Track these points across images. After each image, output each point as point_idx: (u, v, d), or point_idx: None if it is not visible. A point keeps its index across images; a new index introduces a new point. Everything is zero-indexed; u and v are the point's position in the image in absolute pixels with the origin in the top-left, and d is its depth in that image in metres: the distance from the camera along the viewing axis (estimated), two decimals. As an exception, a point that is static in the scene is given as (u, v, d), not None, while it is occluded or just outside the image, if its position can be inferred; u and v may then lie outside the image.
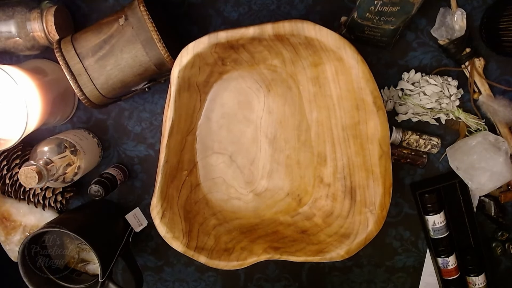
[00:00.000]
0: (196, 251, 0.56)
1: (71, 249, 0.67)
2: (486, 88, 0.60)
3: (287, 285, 0.70)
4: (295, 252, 0.56)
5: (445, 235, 0.63)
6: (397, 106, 0.62)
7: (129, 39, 0.52)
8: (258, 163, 0.61)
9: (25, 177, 0.51)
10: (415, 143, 0.62)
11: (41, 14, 0.56)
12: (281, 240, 0.58)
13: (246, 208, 0.62)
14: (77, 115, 0.66)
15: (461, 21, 0.57)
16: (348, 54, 0.49)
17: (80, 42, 0.53)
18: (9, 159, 0.64)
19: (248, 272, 0.70)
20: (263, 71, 0.58)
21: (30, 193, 0.65)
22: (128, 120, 0.66)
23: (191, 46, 0.50)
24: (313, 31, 0.48)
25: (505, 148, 0.59)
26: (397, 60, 0.61)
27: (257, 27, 0.49)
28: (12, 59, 0.64)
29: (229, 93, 0.59)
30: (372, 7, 0.51)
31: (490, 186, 0.60)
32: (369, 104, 0.51)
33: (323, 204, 0.60)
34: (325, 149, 0.59)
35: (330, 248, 0.55)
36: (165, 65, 0.54)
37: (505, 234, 0.65)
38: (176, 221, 0.56)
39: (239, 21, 0.61)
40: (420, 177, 0.65)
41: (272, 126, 0.60)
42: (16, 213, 0.67)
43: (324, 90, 0.56)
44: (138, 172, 0.67)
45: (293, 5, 0.61)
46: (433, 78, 0.60)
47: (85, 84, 0.54)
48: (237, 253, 0.57)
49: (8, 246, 0.68)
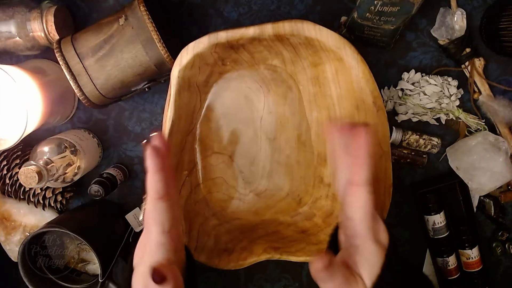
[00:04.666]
0: (196, 251, 0.56)
1: (71, 249, 0.67)
2: (486, 88, 0.60)
3: (287, 285, 0.70)
4: (295, 252, 0.56)
5: (445, 235, 0.63)
6: (397, 106, 0.62)
7: (129, 39, 0.52)
8: (258, 163, 0.61)
9: (25, 177, 0.51)
10: (415, 143, 0.62)
11: (41, 14, 0.56)
12: (281, 240, 0.58)
13: (246, 208, 0.62)
14: (77, 115, 0.66)
15: (461, 21, 0.57)
16: (348, 54, 0.49)
17: (80, 42, 0.53)
18: (9, 159, 0.64)
19: (248, 272, 0.70)
20: (263, 71, 0.58)
21: (30, 193, 0.65)
22: (128, 120, 0.65)
23: (191, 46, 0.50)
24: (313, 31, 0.48)
25: (505, 148, 0.59)
26: (397, 60, 0.61)
27: (257, 27, 0.49)
28: (12, 59, 0.64)
29: (229, 93, 0.59)
30: (372, 7, 0.51)
31: (490, 186, 0.60)
32: (369, 104, 0.51)
33: (323, 204, 0.60)
34: (325, 149, 0.59)
35: (330, 248, 0.55)
36: (165, 65, 0.54)
37: (505, 234, 0.65)
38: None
39: (239, 21, 0.61)
40: (420, 177, 0.65)
41: (272, 126, 0.60)
42: (16, 213, 0.67)
43: (324, 90, 0.56)
44: (138, 172, 0.67)
45: (293, 5, 0.61)
46: (433, 78, 0.60)
47: (85, 84, 0.54)
48: (237, 253, 0.57)
49: (8, 246, 0.68)
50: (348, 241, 0.38)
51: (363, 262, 0.36)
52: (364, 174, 0.36)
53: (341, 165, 0.40)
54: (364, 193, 0.36)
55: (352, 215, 0.37)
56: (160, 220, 0.38)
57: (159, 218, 0.38)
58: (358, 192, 0.36)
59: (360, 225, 0.36)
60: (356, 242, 0.37)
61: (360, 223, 0.36)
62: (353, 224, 0.37)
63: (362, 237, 0.36)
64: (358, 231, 0.36)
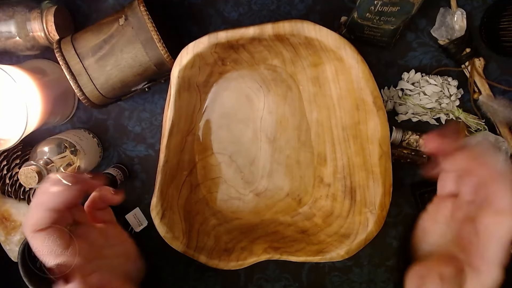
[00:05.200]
0: (196, 251, 0.56)
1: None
2: (486, 88, 0.60)
3: (287, 285, 0.70)
4: (295, 252, 0.56)
5: (445, 235, 0.63)
6: (397, 106, 0.62)
7: (129, 39, 0.52)
8: (258, 163, 0.61)
9: (25, 177, 0.51)
10: (415, 143, 0.62)
11: (41, 14, 0.56)
12: (281, 240, 0.58)
13: (246, 208, 0.62)
14: (77, 115, 0.66)
15: (461, 21, 0.57)
16: (348, 54, 0.49)
17: (80, 42, 0.53)
18: (9, 159, 0.64)
19: (248, 272, 0.70)
20: (263, 71, 0.58)
21: (30, 193, 0.65)
22: (128, 120, 0.66)
23: (191, 46, 0.50)
24: (313, 31, 0.48)
25: (505, 148, 0.59)
26: (397, 60, 0.61)
27: (257, 27, 0.49)
28: (12, 59, 0.64)
29: (229, 93, 0.59)
30: (372, 7, 0.51)
31: (490, 186, 0.60)
32: (369, 104, 0.51)
33: (323, 204, 0.60)
34: (325, 149, 0.59)
35: (330, 248, 0.55)
36: (165, 65, 0.54)
37: (505, 234, 0.65)
38: (176, 221, 0.56)
39: (239, 21, 0.61)
40: (420, 177, 0.65)
41: (272, 126, 0.60)
42: (16, 213, 0.67)
43: (324, 90, 0.56)
44: (138, 172, 0.67)
45: (293, 5, 0.61)
46: (433, 78, 0.60)
47: (85, 84, 0.54)
48: (237, 253, 0.57)
49: (8, 246, 0.68)
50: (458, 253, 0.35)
51: (475, 284, 0.33)
52: (508, 200, 0.32)
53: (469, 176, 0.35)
54: (510, 222, 0.32)
55: (483, 236, 0.33)
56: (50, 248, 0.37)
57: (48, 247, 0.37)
58: (505, 221, 0.32)
59: (490, 250, 0.32)
60: (475, 262, 0.33)
61: (490, 248, 0.32)
62: (480, 243, 0.33)
63: (487, 263, 0.33)
64: (483, 253, 0.33)
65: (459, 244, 0.35)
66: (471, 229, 0.34)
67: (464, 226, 0.35)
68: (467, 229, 0.35)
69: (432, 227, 0.40)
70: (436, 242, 0.39)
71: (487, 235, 0.33)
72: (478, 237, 0.33)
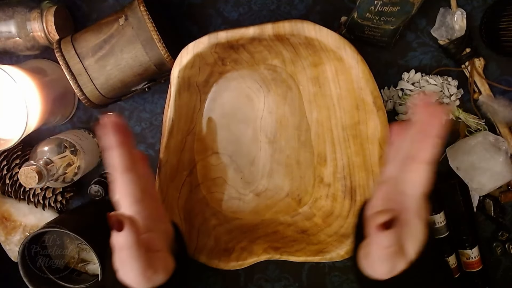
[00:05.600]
0: (196, 251, 0.56)
1: (71, 249, 0.67)
2: (486, 88, 0.60)
3: (287, 285, 0.70)
4: (295, 252, 0.56)
5: (445, 235, 0.63)
6: (397, 106, 0.62)
7: (129, 39, 0.52)
8: (258, 163, 0.61)
9: (25, 177, 0.51)
10: (415, 143, 0.62)
11: (41, 14, 0.56)
12: (281, 240, 0.58)
13: (246, 208, 0.62)
14: (77, 115, 0.66)
15: (461, 21, 0.57)
16: (348, 54, 0.49)
17: (80, 42, 0.53)
18: (9, 159, 0.64)
19: (248, 272, 0.70)
20: (263, 71, 0.58)
21: (30, 193, 0.65)
22: (128, 120, 0.65)
23: (191, 46, 0.50)
24: (313, 31, 0.48)
25: (505, 148, 0.59)
26: (397, 60, 0.61)
27: (257, 27, 0.49)
28: (12, 59, 0.64)
29: (229, 93, 0.59)
30: (372, 7, 0.52)
31: (490, 186, 0.60)
32: (369, 104, 0.51)
33: (323, 204, 0.60)
34: (325, 149, 0.59)
35: (330, 248, 0.55)
36: (165, 65, 0.54)
37: (505, 234, 0.65)
38: (176, 221, 0.56)
39: (239, 21, 0.61)
40: (420, 177, 0.65)
41: (272, 126, 0.60)
42: (16, 213, 0.67)
43: (324, 90, 0.56)
44: (138, 172, 0.67)
45: (293, 5, 0.61)
46: (433, 78, 0.60)
47: (85, 84, 0.54)
48: (237, 253, 0.57)
49: (8, 246, 0.68)
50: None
51: (410, 236, 0.37)
52: (431, 152, 0.36)
53: (402, 139, 0.40)
54: (426, 171, 0.36)
55: (408, 190, 0.37)
56: (130, 191, 0.39)
57: (128, 190, 0.39)
58: (420, 169, 0.36)
59: (414, 202, 0.37)
60: (406, 217, 0.37)
61: (414, 199, 0.37)
62: (407, 199, 0.38)
63: (413, 213, 0.37)
64: (410, 206, 0.37)
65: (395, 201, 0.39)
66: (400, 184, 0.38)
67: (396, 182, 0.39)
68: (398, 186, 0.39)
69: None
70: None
71: (409, 186, 0.37)
72: (403, 192, 0.38)
